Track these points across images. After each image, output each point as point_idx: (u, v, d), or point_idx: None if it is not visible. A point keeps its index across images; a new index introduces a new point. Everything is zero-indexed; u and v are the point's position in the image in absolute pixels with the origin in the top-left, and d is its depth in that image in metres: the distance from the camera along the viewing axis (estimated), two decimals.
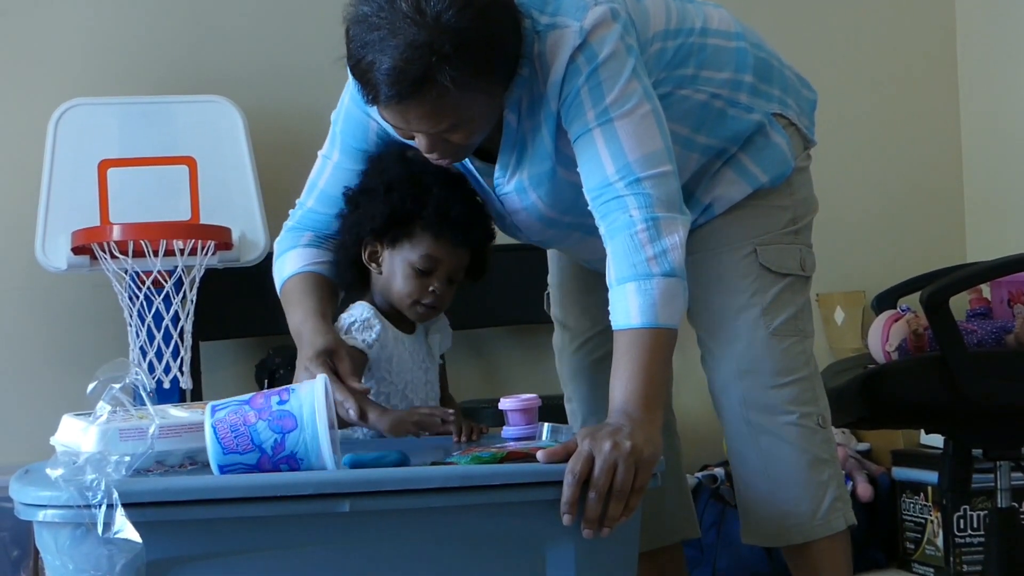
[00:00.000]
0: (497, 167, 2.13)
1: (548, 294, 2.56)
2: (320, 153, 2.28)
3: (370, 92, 1.92)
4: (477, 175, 2.18)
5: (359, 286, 2.27)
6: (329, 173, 2.25)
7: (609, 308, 1.94)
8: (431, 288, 2.20)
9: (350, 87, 2.15)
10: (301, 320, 2.15)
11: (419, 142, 2.01)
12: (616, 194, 1.95)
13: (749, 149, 2.22)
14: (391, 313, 2.24)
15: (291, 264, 2.25)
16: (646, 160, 1.95)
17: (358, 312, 2.21)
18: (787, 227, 2.24)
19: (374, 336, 2.18)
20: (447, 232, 2.18)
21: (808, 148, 2.31)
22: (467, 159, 2.14)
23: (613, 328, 1.92)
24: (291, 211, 2.31)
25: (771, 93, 2.24)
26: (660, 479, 1.82)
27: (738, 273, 2.19)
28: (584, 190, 2.00)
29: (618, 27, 1.97)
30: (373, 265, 2.23)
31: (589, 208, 2.00)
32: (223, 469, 1.71)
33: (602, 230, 1.97)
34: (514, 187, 2.13)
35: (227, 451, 1.71)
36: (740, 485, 2.22)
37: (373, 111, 2.04)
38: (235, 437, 1.71)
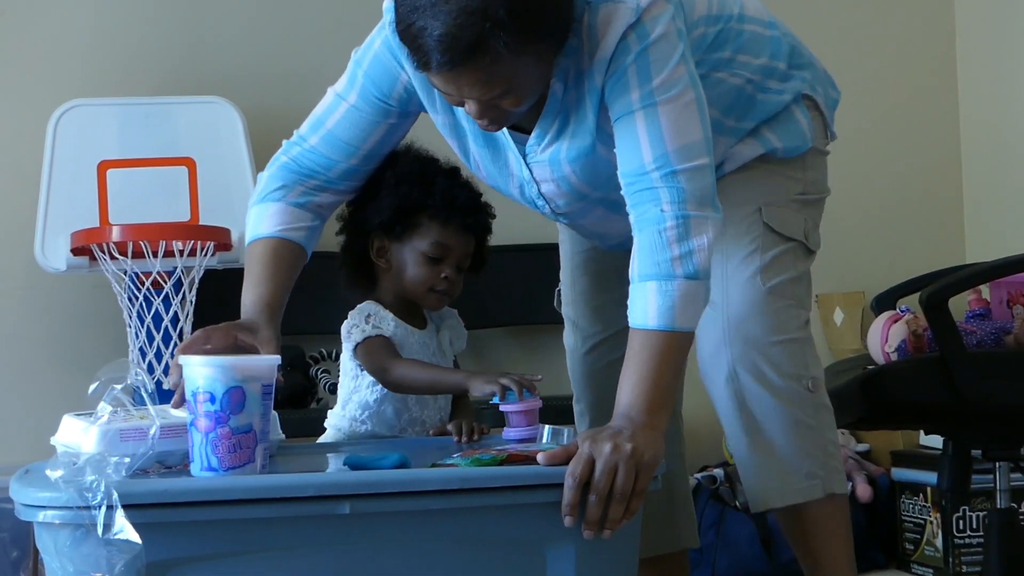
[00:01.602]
0: (534, 134, 2.09)
1: (559, 291, 2.53)
2: (333, 90, 2.18)
3: (421, 58, 1.87)
4: (509, 140, 2.13)
5: (366, 285, 2.30)
6: (341, 115, 2.16)
7: (628, 302, 1.91)
8: (443, 275, 2.24)
9: (385, 30, 2.07)
10: (252, 303, 2.11)
11: (469, 108, 1.96)
12: (650, 184, 1.91)
13: (773, 124, 2.22)
14: (400, 309, 2.27)
15: (270, 221, 2.17)
16: (685, 151, 1.92)
17: (366, 308, 2.24)
18: (795, 197, 2.21)
19: (391, 328, 2.23)
20: (455, 218, 2.23)
21: (827, 139, 2.30)
22: None
23: (629, 324, 1.90)
24: (286, 141, 2.22)
25: (803, 76, 2.24)
26: (661, 481, 1.82)
27: (740, 230, 2.15)
28: (618, 172, 1.97)
29: (671, 9, 1.95)
30: (381, 261, 2.26)
31: (621, 190, 1.97)
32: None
33: (632, 218, 1.94)
34: (548, 157, 2.10)
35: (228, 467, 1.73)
36: (732, 449, 2.17)
37: (408, 64, 1.98)
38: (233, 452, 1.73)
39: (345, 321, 2.25)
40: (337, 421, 2.29)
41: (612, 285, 2.30)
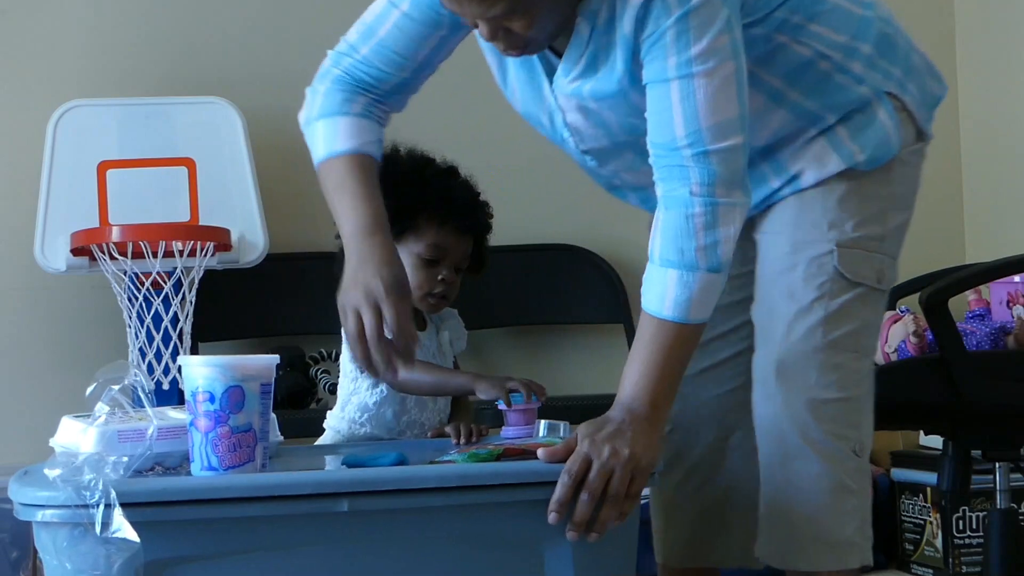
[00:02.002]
0: (561, 66, 2.00)
1: None
2: None
3: None
4: (539, 64, 2.04)
5: None
6: (393, 23, 2.03)
7: (644, 281, 1.88)
8: (440, 277, 2.23)
9: None
10: (364, 227, 1.94)
11: (480, 30, 1.89)
12: (680, 162, 1.86)
13: (849, 123, 2.06)
14: None
15: (345, 135, 2.03)
16: (719, 129, 1.85)
17: None
18: (872, 224, 2.06)
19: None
20: (452, 219, 2.21)
21: (921, 141, 2.13)
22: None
23: (642, 306, 1.87)
24: (332, 51, 2.10)
25: (890, 71, 2.08)
26: (658, 479, 1.82)
27: (810, 271, 2.04)
28: (647, 139, 1.91)
29: None
30: None
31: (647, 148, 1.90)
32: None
33: (658, 191, 1.89)
34: (573, 90, 2.00)
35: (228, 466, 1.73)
36: (763, 492, 2.09)
37: None
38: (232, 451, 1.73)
39: None
40: (336, 423, 2.28)
41: None
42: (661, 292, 1.85)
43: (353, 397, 2.26)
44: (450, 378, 2.21)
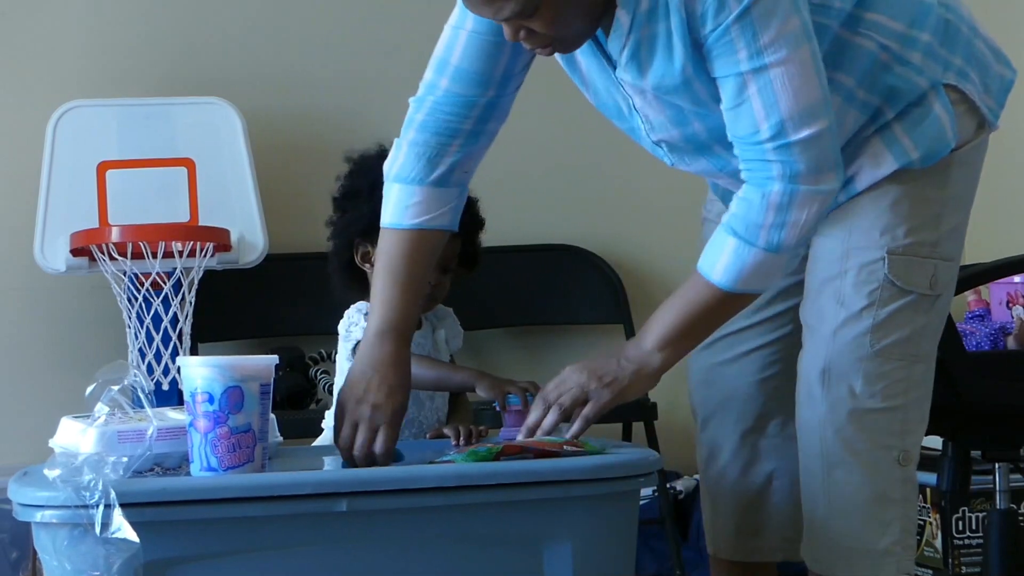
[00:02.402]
0: (613, 53, 1.95)
1: None
2: (448, 25, 2.02)
3: None
4: (598, 57, 2.00)
5: (357, 288, 2.28)
6: (463, 44, 1.99)
7: (709, 239, 1.93)
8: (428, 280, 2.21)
9: None
10: (384, 329, 2.01)
11: (505, 32, 1.87)
12: (764, 156, 1.85)
13: (905, 118, 2.00)
14: None
15: (412, 211, 2.04)
16: (802, 117, 1.83)
17: (364, 306, 2.24)
18: (925, 229, 2.03)
19: None
20: None
21: (982, 133, 2.08)
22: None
23: (697, 265, 1.93)
24: (413, 99, 2.06)
25: (950, 61, 2.01)
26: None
27: (861, 278, 2.02)
28: (728, 131, 1.89)
29: None
30: (367, 266, 2.25)
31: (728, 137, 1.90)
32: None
33: (743, 172, 1.90)
34: (631, 82, 1.97)
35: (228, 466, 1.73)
36: (803, 497, 2.10)
37: None
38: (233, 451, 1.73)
39: (342, 320, 2.24)
40: (333, 422, 2.28)
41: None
42: (716, 256, 1.90)
43: None
44: (452, 374, 2.21)
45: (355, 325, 2.22)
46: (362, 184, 2.22)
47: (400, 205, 2.04)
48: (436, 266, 2.21)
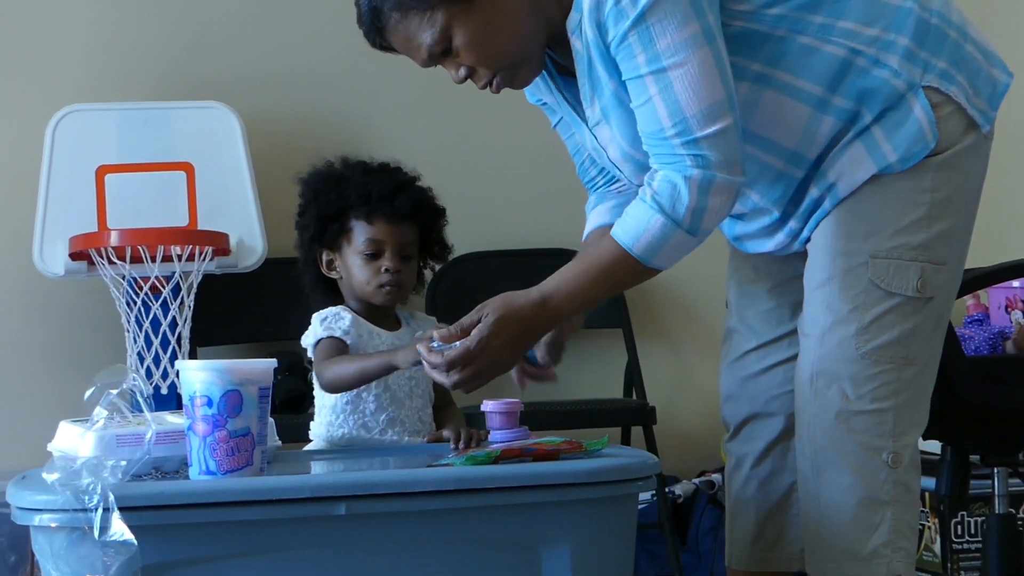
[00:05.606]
0: (581, 92, 2.05)
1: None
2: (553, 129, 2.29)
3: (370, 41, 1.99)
4: (572, 110, 2.12)
5: (333, 298, 2.31)
6: (566, 139, 2.26)
7: (627, 208, 1.96)
8: (383, 268, 2.23)
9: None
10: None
11: (451, 76, 2.01)
12: (673, 151, 1.90)
13: (885, 122, 2.01)
14: (369, 313, 2.28)
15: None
16: (705, 116, 1.87)
17: (325, 312, 2.26)
18: (912, 231, 2.03)
19: (346, 326, 2.22)
20: (376, 211, 2.23)
21: (971, 136, 2.07)
22: (562, 92, 2.11)
23: (612, 232, 1.96)
24: (587, 191, 2.31)
25: (932, 63, 2.01)
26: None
27: (845, 283, 2.03)
28: (639, 130, 1.94)
29: None
30: (333, 273, 2.29)
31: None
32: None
33: (654, 165, 1.94)
34: (597, 118, 2.06)
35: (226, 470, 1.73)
36: (799, 500, 2.14)
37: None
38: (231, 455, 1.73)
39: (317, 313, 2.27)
40: (317, 429, 2.30)
41: (759, 299, 2.29)
42: (636, 227, 1.92)
43: (327, 400, 2.27)
44: (370, 362, 2.15)
45: (311, 331, 2.25)
46: (308, 195, 2.28)
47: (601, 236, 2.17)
48: (395, 254, 2.23)
